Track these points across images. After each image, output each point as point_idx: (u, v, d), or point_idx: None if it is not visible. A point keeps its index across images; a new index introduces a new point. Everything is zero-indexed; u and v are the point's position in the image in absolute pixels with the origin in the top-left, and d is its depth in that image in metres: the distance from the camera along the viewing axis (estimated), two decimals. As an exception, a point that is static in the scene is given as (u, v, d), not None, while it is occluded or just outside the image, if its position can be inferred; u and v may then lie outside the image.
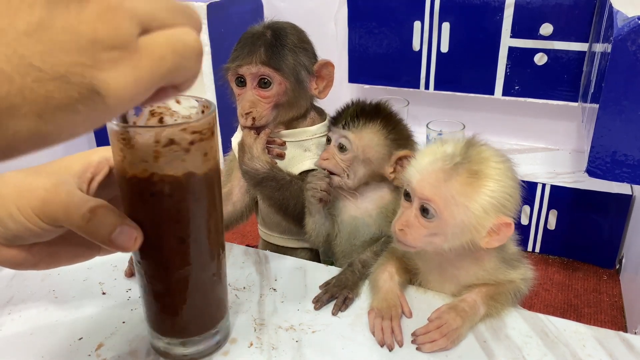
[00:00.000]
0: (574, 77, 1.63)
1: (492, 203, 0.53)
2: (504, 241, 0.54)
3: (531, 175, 1.67)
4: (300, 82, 0.76)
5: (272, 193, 0.74)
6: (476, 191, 0.53)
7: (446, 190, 0.53)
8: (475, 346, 0.55)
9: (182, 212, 0.44)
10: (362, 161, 0.68)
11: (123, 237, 0.40)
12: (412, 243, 0.56)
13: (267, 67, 0.73)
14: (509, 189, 0.54)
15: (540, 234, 1.71)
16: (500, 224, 0.53)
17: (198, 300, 0.49)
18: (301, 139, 0.79)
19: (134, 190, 0.43)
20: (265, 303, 0.61)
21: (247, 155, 0.73)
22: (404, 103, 1.75)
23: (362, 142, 0.67)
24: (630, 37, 0.94)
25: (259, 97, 0.74)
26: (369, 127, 0.67)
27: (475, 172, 0.53)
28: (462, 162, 0.54)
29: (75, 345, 0.54)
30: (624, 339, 0.55)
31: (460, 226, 0.54)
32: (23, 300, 0.61)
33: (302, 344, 0.55)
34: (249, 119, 0.74)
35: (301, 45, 0.77)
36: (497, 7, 1.63)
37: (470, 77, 1.76)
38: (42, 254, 0.44)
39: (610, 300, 1.52)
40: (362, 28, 1.82)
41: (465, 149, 0.55)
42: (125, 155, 0.41)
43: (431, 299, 0.62)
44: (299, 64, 0.76)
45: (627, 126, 1.01)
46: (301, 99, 0.78)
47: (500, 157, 0.56)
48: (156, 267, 0.47)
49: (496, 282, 0.60)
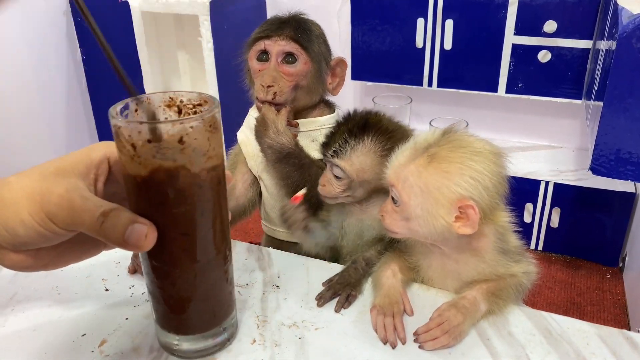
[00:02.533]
0: (578, 75, 1.63)
1: (447, 184, 0.54)
2: (475, 227, 0.54)
3: (534, 173, 1.66)
4: (320, 70, 0.77)
5: (292, 172, 0.73)
6: (430, 173, 0.54)
7: (403, 174, 0.56)
8: (479, 344, 0.55)
9: (188, 209, 0.44)
10: (359, 184, 0.67)
11: (135, 236, 0.40)
12: (390, 228, 0.59)
13: (296, 44, 0.73)
14: (471, 173, 0.54)
15: (544, 232, 1.71)
16: (463, 206, 0.54)
17: (205, 298, 0.49)
18: (309, 129, 0.79)
19: (138, 188, 0.43)
20: (268, 300, 0.61)
21: (272, 129, 0.72)
22: (407, 100, 1.75)
23: (354, 167, 0.65)
24: (635, 34, 0.94)
25: (282, 73, 0.74)
26: (359, 150, 0.64)
27: (433, 155, 0.55)
28: (425, 147, 0.56)
29: (79, 342, 0.54)
30: (627, 337, 0.55)
31: (420, 208, 0.55)
32: (26, 297, 0.61)
33: (305, 341, 0.55)
34: (270, 93, 0.73)
35: (323, 37, 0.78)
36: (501, 4, 1.62)
37: (474, 74, 1.75)
38: (50, 256, 0.44)
39: (613, 299, 1.51)
40: (365, 25, 1.81)
41: (438, 136, 0.57)
42: (129, 152, 0.41)
43: (434, 296, 0.62)
44: (322, 52, 0.77)
45: (632, 124, 1.01)
46: (319, 88, 0.78)
47: (475, 144, 0.56)
48: (163, 266, 0.46)
49: (498, 276, 0.60)
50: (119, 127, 0.41)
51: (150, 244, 0.42)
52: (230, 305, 0.53)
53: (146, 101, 0.45)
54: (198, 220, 0.45)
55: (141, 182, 0.42)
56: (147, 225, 0.41)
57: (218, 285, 0.50)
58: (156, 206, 0.43)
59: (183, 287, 0.47)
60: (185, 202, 0.43)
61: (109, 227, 0.40)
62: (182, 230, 0.45)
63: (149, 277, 0.48)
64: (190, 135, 0.41)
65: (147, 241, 0.41)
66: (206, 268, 0.48)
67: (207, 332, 0.51)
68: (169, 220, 0.44)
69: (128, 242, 0.40)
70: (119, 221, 0.40)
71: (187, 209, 0.44)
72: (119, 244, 0.41)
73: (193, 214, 0.44)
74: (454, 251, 0.59)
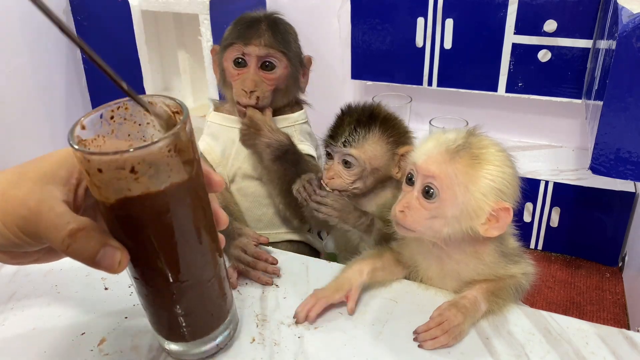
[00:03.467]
0: (578, 74, 1.63)
1: (492, 186, 0.54)
2: (503, 229, 0.55)
3: (534, 172, 1.66)
4: (297, 72, 0.77)
5: (289, 168, 0.73)
6: (477, 174, 0.54)
7: (450, 169, 0.55)
8: (478, 343, 0.55)
9: (169, 225, 0.41)
10: (371, 172, 0.68)
11: (107, 260, 0.39)
12: (411, 226, 0.56)
13: (275, 50, 0.73)
14: (507, 176, 0.55)
15: (543, 232, 1.71)
16: (499, 209, 0.54)
17: (197, 308, 0.47)
18: (283, 126, 0.80)
19: (114, 214, 0.40)
20: (268, 299, 0.61)
21: (267, 128, 0.73)
22: (407, 99, 1.75)
23: (367, 154, 0.67)
24: (635, 33, 0.94)
25: (262, 78, 0.74)
26: (370, 138, 0.66)
27: (477, 156, 0.55)
28: (464, 146, 0.55)
29: (78, 341, 0.54)
30: (627, 336, 0.55)
31: (460, 207, 0.54)
32: (26, 296, 0.61)
33: (304, 340, 0.55)
34: (253, 97, 0.73)
35: (296, 37, 0.78)
36: (501, 4, 1.62)
37: (474, 73, 1.75)
38: (38, 254, 0.44)
39: (613, 298, 1.51)
40: (365, 24, 1.81)
41: (466, 137, 0.57)
42: (94, 181, 0.38)
43: (433, 296, 0.62)
44: (297, 54, 0.77)
45: (631, 123, 1.01)
46: (295, 88, 0.79)
47: (499, 147, 0.58)
48: (151, 283, 0.45)
49: (497, 277, 0.60)
50: (77, 157, 0.38)
51: (123, 267, 0.40)
52: (225, 311, 0.51)
53: (160, 105, 0.42)
54: (181, 233, 0.42)
55: (113, 209, 0.39)
56: (118, 250, 0.40)
57: (209, 294, 0.48)
58: (134, 230, 0.41)
59: (173, 301, 0.46)
60: (166, 220, 0.41)
61: (77, 249, 0.38)
62: (166, 247, 0.42)
63: (136, 290, 0.47)
64: (161, 154, 0.38)
65: (120, 266, 0.40)
66: (196, 280, 0.45)
67: (201, 338, 0.50)
68: (149, 241, 0.41)
69: (100, 265, 0.39)
70: (88, 244, 0.38)
71: (168, 226, 0.41)
72: (90, 266, 0.39)
73: (169, 234, 0.42)
74: (455, 252, 0.59)
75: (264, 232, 0.84)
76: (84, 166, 0.38)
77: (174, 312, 0.47)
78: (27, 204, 0.38)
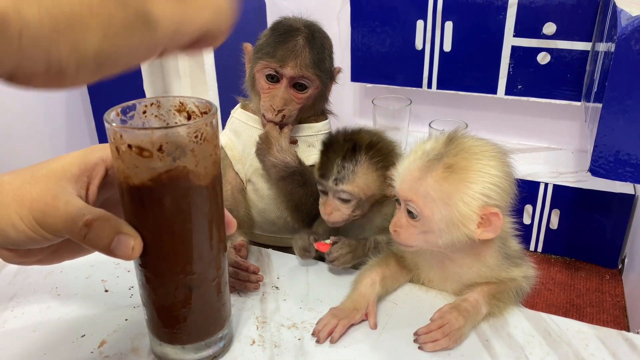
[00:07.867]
0: (577, 77, 1.63)
1: (472, 195, 0.52)
2: (498, 232, 0.54)
3: (534, 174, 1.66)
4: (327, 87, 0.77)
5: (295, 188, 0.73)
6: (452, 185, 0.53)
7: (422, 188, 0.54)
8: (478, 345, 0.55)
9: (187, 211, 0.43)
10: (367, 199, 0.67)
11: (121, 247, 0.40)
12: (406, 242, 0.57)
13: (310, 72, 0.72)
14: (492, 179, 0.53)
15: (543, 234, 1.71)
16: (487, 214, 0.53)
17: (197, 308, 0.48)
18: (307, 134, 0.79)
19: (132, 195, 0.42)
20: (268, 301, 0.61)
21: (276, 148, 0.72)
22: (407, 102, 1.75)
23: (360, 187, 0.66)
24: (634, 36, 0.94)
25: (293, 97, 0.74)
26: (359, 170, 0.65)
27: (450, 166, 0.53)
28: (438, 157, 0.54)
29: (78, 343, 0.54)
30: (626, 338, 0.55)
31: (444, 221, 0.54)
32: (26, 297, 0.61)
33: (304, 342, 0.55)
34: (279, 116, 0.73)
35: (332, 48, 0.77)
36: (500, 6, 1.63)
37: (473, 76, 1.75)
38: (43, 254, 0.44)
39: (612, 300, 1.51)
40: (365, 27, 1.81)
41: (443, 145, 0.55)
42: (123, 158, 0.40)
43: (433, 298, 0.62)
44: (330, 70, 0.77)
45: (631, 125, 1.01)
46: (322, 102, 0.79)
47: (484, 148, 0.55)
48: (157, 273, 0.45)
49: (498, 280, 0.60)
50: (112, 132, 0.40)
51: (137, 253, 0.42)
52: (225, 315, 0.51)
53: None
54: (194, 228, 0.44)
55: (133, 191, 0.41)
56: (132, 236, 0.41)
57: (213, 294, 0.48)
58: (150, 215, 0.43)
59: (177, 297, 0.46)
60: (182, 210, 0.43)
61: (93, 238, 0.40)
62: (177, 240, 0.44)
63: (139, 282, 0.47)
64: (187, 141, 0.40)
65: (134, 253, 0.41)
66: (201, 277, 0.46)
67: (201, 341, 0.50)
68: (163, 229, 0.43)
69: (115, 253, 0.40)
70: (103, 232, 0.40)
71: (183, 218, 0.43)
72: (106, 254, 0.41)
73: (185, 219, 0.43)
74: (457, 255, 0.59)
75: (277, 236, 0.84)
76: (115, 143, 0.40)
77: (175, 308, 0.47)
78: (44, 199, 0.40)
